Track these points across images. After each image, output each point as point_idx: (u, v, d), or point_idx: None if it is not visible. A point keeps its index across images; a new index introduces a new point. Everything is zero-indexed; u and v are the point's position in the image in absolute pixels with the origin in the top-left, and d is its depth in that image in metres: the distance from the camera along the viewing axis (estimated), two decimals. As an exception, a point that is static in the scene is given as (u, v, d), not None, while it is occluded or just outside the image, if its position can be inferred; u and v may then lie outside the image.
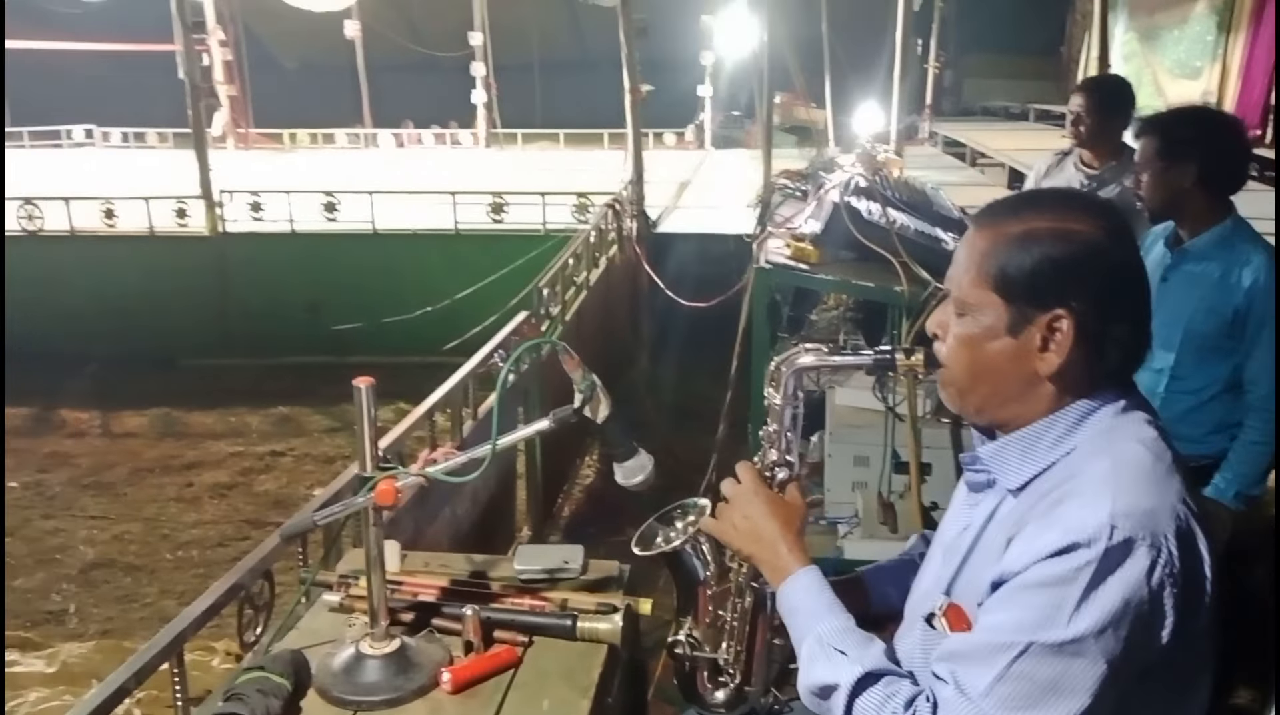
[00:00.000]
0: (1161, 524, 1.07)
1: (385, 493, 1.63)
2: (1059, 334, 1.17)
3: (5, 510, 5.59)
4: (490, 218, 7.79)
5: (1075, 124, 3.73)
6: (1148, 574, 1.04)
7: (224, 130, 16.07)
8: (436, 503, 3.62)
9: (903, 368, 1.43)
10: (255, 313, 8.00)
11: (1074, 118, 3.75)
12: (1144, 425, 1.19)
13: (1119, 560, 1.04)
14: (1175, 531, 1.07)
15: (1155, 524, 1.06)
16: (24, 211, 8.18)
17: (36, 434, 6.89)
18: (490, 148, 15.95)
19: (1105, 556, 1.04)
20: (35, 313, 8.09)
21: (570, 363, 1.63)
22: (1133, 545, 1.05)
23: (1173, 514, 1.08)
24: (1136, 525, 1.05)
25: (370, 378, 1.70)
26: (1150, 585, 1.04)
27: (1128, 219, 1.28)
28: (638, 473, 1.67)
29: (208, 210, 8.08)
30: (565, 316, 5.27)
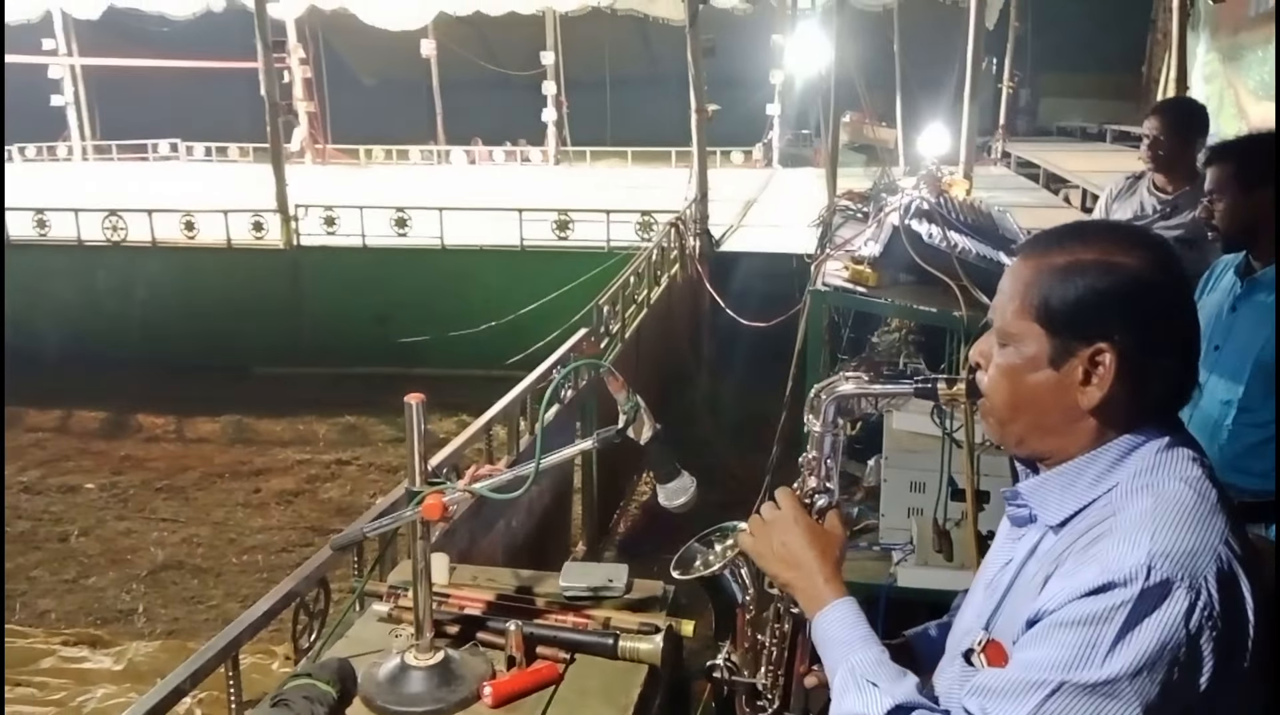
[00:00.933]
0: (1201, 566, 1.04)
1: (432, 507, 1.66)
2: (1101, 367, 1.16)
3: (50, 508, 5.83)
4: (555, 234, 7.88)
5: (1151, 147, 3.66)
6: (1185, 617, 1.02)
7: (302, 145, 16.51)
8: (491, 515, 3.66)
9: (944, 397, 1.42)
10: (326, 323, 8.19)
11: (1149, 141, 3.68)
12: (1189, 462, 1.16)
13: (1156, 602, 1.02)
14: (1216, 574, 1.04)
15: (1195, 565, 1.04)
16: (108, 222, 8.49)
17: (114, 437, 7.13)
18: (559, 165, 16.12)
19: (1141, 597, 1.02)
20: (117, 320, 8.42)
21: (614, 384, 1.64)
22: (1170, 587, 1.02)
23: (1214, 555, 1.06)
24: (1175, 566, 1.03)
25: (421, 394, 1.74)
26: (1189, 628, 1.01)
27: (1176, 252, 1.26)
28: (680, 495, 1.68)
29: (283, 223, 8.30)
30: (624, 334, 5.30)
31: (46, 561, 5.26)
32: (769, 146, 15.25)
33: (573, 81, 17.24)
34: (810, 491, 1.51)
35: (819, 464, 1.52)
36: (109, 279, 8.63)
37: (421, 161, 16.78)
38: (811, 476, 1.52)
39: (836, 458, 1.52)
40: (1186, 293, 1.22)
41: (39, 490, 6.17)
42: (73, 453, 6.81)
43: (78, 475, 6.42)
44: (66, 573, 5.16)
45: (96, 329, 8.42)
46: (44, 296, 8.59)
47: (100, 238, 8.60)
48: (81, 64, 17.49)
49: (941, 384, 1.42)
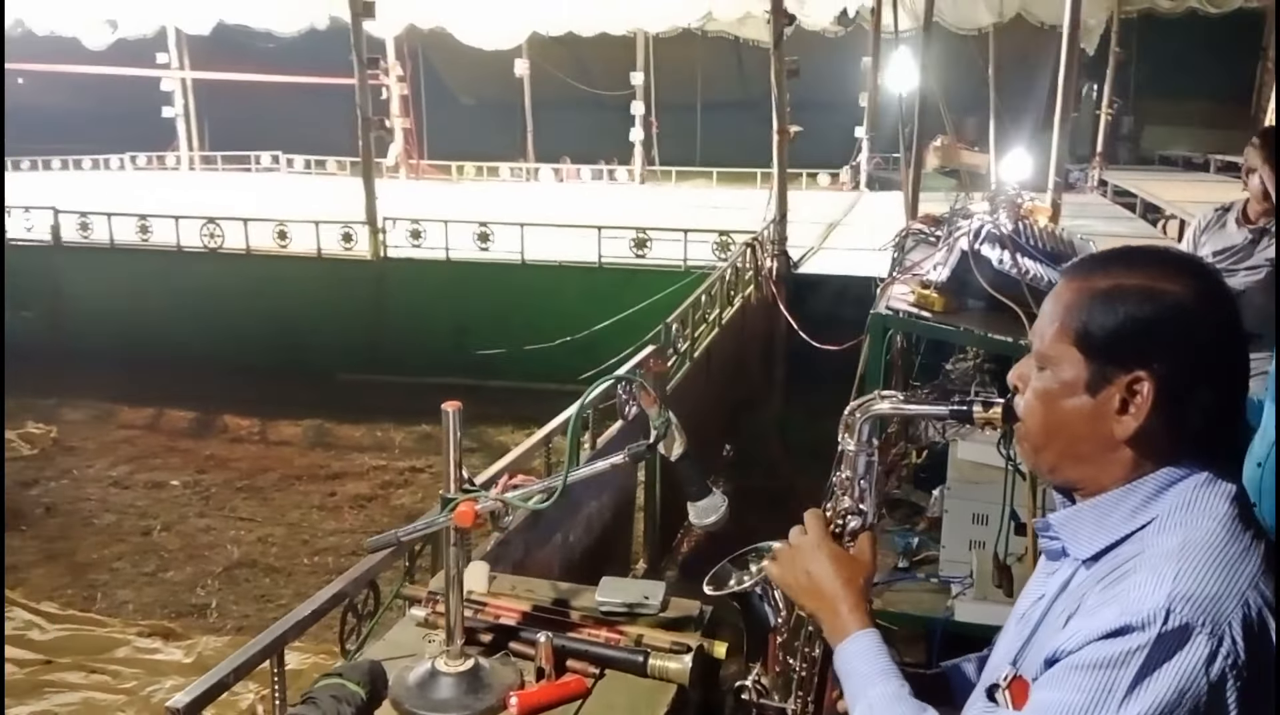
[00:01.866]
0: (1226, 611, 0.99)
1: (464, 515, 1.68)
2: (1139, 397, 1.12)
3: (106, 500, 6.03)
4: (633, 252, 7.92)
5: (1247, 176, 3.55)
6: (1206, 664, 0.97)
7: (397, 161, 16.96)
8: (547, 528, 3.67)
9: (980, 420, 1.39)
10: (408, 333, 8.36)
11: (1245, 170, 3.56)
12: (1226, 501, 1.11)
13: (1174, 647, 0.97)
14: (1242, 620, 0.99)
15: (1218, 611, 0.99)
16: (206, 230, 8.82)
17: (200, 436, 7.38)
18: (645, 184, 16.22)
19: (1158, 642, 0.97)
20: (210, 324, 8.72)
21: (647, 399, 1.64)
22: (1190, 632, 0.97)
23: (1240, 601, 1.00)
24: (1196, 611, 0.98)
25: (457, 402, 1.76)
26: (1209, 677, 0.96)
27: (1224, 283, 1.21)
28: (710, 513, 1.67)
29: (371, 235, 8.52)
30: (694, 352, 5.28)
31: (129, 554, 5.46)
32: (857, 169, 15.09)
33: (664, 102, 17.37)
34: (843, 512, 1.49)
35: (852, 485, 1.49)
36: (205, 284, 8.95)
37: (511, 178, 17.06)
38: (845, 496, 1.49)
39: (871, 478, 1.50)
40: (1232, 326, 1.17)
41: (127, 485, 6.41)
42: (161, 450, 7.07)
43: (164, 472, 6.66)
44: (147, 566, 5.35)
45: (191, 332, 8.74)
46: (143, 300, 8.97)
47: (198, 244, 8.95)
48: (192, 78, 18.27)
49: (978, 407, 1.38)
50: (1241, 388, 1.18)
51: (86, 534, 5.73)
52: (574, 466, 1.70)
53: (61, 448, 7.07)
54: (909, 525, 3.61)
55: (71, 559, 5.41)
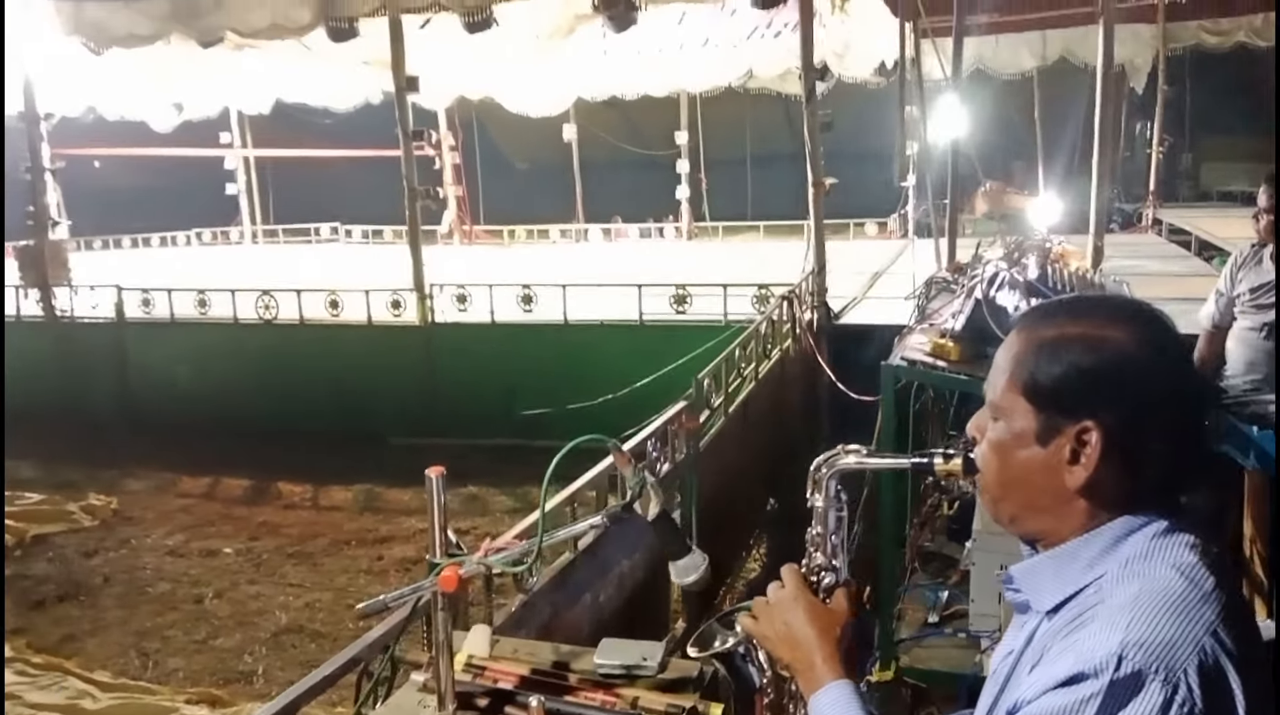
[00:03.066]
0: (1180, 659, 0.96)
1: (448, 580, 1.69)
2: (1088, 447, 1.11)
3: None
4: (674, 309, 7.97)
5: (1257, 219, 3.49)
6: (1162, 712, 0.94)
7: (450, 227, 17.34)
8: (576, 588, 3.66)
9: (941, 472, 1.38)
10: (457, 396, 8.47)
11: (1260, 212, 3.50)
12: (1186, 549, 1.08)
13: (1127, 695, 0.95)
14: (1198, 667, 0.96)
15: (1172, 658, 0.96)
16: (262, 302, 9.09)
17: (255, 504, 7.52)
18: (692, 240, 16.35)
19: (1110, 690, 0.95)
20: (266, 392, 8.95)
21: (621, 460, 1.65)
22: (1142, 679, 0.95)
23: (1196, 647, 0.98)
24: (1149, 657, 0.96)
25: (441, 467, 1.80)
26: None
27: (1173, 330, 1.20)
28: (690, 572, 1.67)
29: (419, 302, 8.71)
30: (729, 407, 5.27)
31: (181, 622, 5.56)
32: (904, 217, 15.04)
33: (714, 158, 17.59)
34: (816, 569, 1.48)
35: (824, 540, 1.49)
36: (261, 354, 9.20)
37: (561, 240, 17.32)
38: (818, 553, 1.49)
39: (842, 534, 1.49)
40: (1182, 374, 1.15)
41: (182, 553, 6.55)
42: (216, 518, 7.22)
43: (218, 540, 6.79)
44: (198, 633, 5.44)
45: (248, 401, 8.97)
46: (203, 371, 9.25)
47: (254, 316, 9.22)
48: (254, 155, 18.97)
49: (938, 459, 1.38)
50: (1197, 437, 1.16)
51: (141, 602, 5.85)
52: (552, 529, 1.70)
53: (122, 518, 7.25)
54: (941, 579, 3.54)
55: (126, 627, 5.52)
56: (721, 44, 12.72)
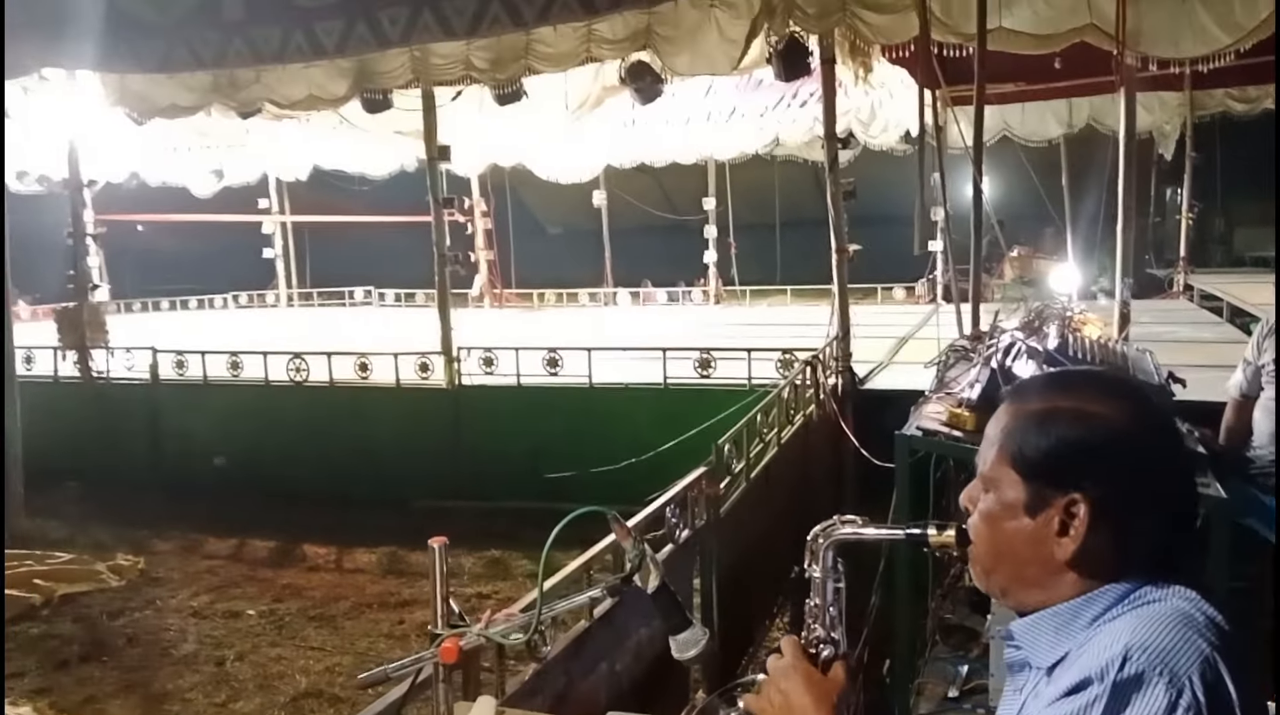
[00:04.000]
0: (1184, 664, 0.98)
1: (448, 651, 1.71)
2: (1076, 519, 1.13)
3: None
4: (698, 373, 7.99)
5: None
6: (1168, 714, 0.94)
7: (481, 291, 17.56)
8: (592, 657, 3.63)
9: (935, 544, 1.39)
10: (482, 458, 8.50)
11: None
12: (1182, 600, 1.10)
13: (1130, 695, 0.96)
14: (1201, 675, 0.97)
15: (1175, 662, 0.98)
16: (292, 364, 9.22)
17: (279, 566, 7.54)
18: (720, 304, 16.43)
19: (1115, 690, 0.97)
20: (295, 454, 9.03)
21: (620, 531, 1.67)
22: (1145, 679, 0.97)
23: (1199, 655, 0.99)
24: (1153, 659, 0.98)
25: (444, 537, 1.81)
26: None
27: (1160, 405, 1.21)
28: (690, 646, 1.66)
29: (446, 365, 8.80)
30: (750, 473, 5.25)
31: (202, 685, 5.55)
32: (933, 282, 15.04)
33: (743, 223, 17.76)
34: (815, 641, 1.48)
35: (822, 612, 1.49)
36: (291, 416, 9.31)
37: (590, 303, 17.48)
38: (817, 624, 1.49)
39: (840, 605, 1.49)
40: (1169, 448, 1.17)
41: (206, 615, 6.57)
42: (241, 579, 7.24)
43: (242, 601, 6.80)
44: (218, 696, 5.43)
45: (277, 462, 9.06)
46: (233, 433, 9.37)
47: (285, 378, 9.34)
48: (291, 221, 19.39)
49: (932, 530, 1.39)
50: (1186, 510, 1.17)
51: (164, 664, 5.85)
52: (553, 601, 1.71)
53: (148, 578, 7.30)
54: (963, 652, 3.48)
55: (148, 689, 5.52)
56: (748, 113, 12.94)
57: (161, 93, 9.04)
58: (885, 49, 8.10)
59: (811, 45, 7.42)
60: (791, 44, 7.21)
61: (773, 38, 7.20)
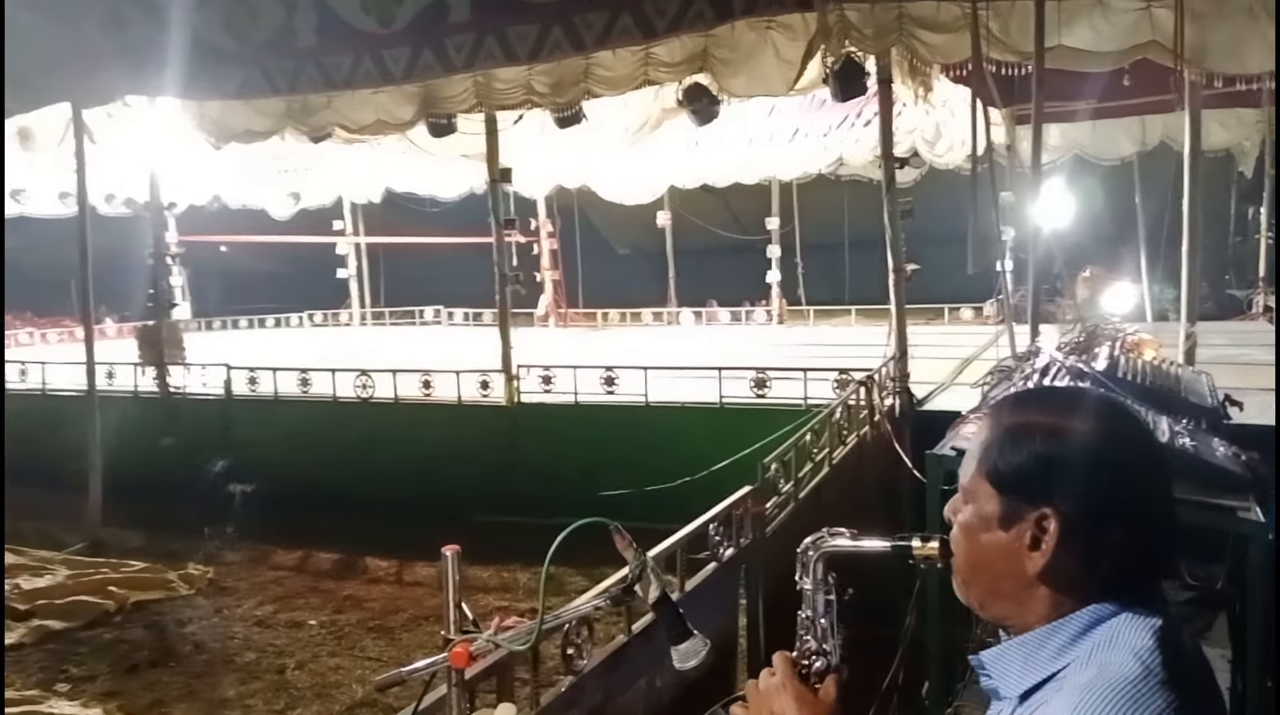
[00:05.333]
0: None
1: (459, 655, 1.76)
2: (1046, 534, 1.14)
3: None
4: (754, 392, 7.99)
5: None
6: None
7: (546, 310, 17.77)
8: (630, 672, 3.66)
9: (919, 555, 1.40)
10: (539, 475, 8.60)
11: None
12: (1148, 634, 1.09)
13: None
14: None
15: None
16: (359, 381, 9.45)
17: (341, 577, 7.73)
18: (783, 324, 16.37)
19: None
20: (360, 468, 9.23)
21: (621, 542, 1.71)
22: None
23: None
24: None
25: (457, 546, 1.88)
26: None
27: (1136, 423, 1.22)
28: (691, 656, 1.70)
29: (506, 382, 8.95)
30: (799, 493, 5.24)
31: (262, 691, 5.72)
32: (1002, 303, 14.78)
33: (810, 242, 17.69)
34: (807, 654, 1.50)
35: (813, 624, 1.51)
36: (357, 432, 9.53)
37: (653, 322, 17.56)
38: (809, 637, 1.51)
39: (832, 617, 1.51)
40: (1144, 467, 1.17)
41: (269, 624, 6.76)
42: (304, 591, 7.43)
43: (305, 611, 6.98)
44: (277, 703, 5.58)
45: (342, 476, 9.26)
46: (302, 447, 9.62)
47: (352, 395, 9.58)
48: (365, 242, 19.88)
49: (916, 541, 1.42)
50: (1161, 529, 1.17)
51: (227, 671, 6.03)
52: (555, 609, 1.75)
53: (217, 588, 7.53)
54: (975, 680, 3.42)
55: (211, 695, 5.70)
56: (811, 133, 12.92)
57: (237, 118, 9.39)
58: (946, 68, 8.05)
59: (869, 65, 7.41)
60: (848, 64, 7.21)
61: (829, 58, 7.21)
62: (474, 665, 1.94)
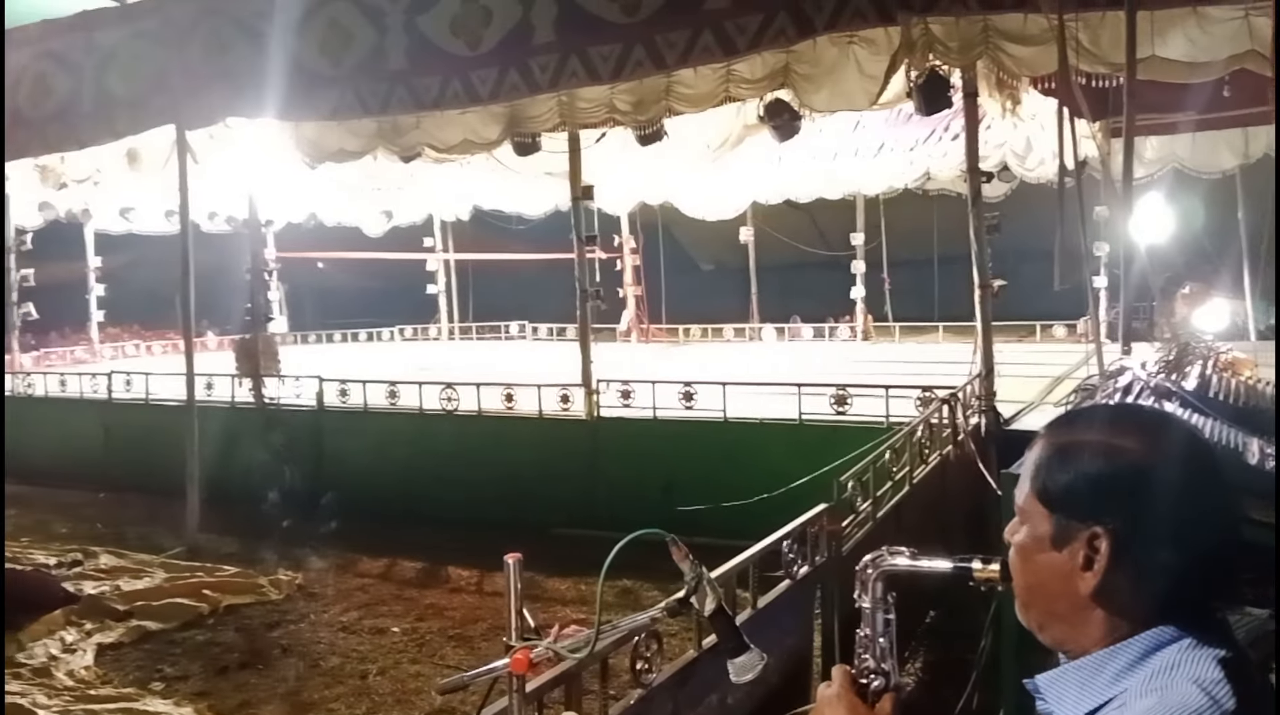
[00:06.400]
0: None
1: (519, 662, 1.81)
2: (1099, 553, 1.12)
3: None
4: (834, 409, 7.92)
5: None
6: None
7: (629, 326, 17.87)
8: (700, 688, 3.66)
9: (979, 577, 1.40)
10: (617, 489, 8.65)
11: None
12: (1212, 665, 1.07)
13: None
14: None
15: None
16: (444, 394, 9.65)
17: (425, 586, 7.87)
18: (869, 340, 16.17)
19: None
20: (444, 479, 9.43)
21: (677, 553, 1.72)
22: None
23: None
24: None
25: (519, 553, 1.91)
26: None
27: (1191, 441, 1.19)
28: (747, 670, 1.70)
29: (586, 397, 9.03)
30: (878, 512, 5.17)
31: (345, 696, 5.85)
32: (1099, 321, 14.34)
33: (898, 259, 17.46)
34: (866, 672, 1.49)
35: (872, 643, 1.50)
36: (442, 443, 9.73)
37: (735, 338, 17.52)
38: (867, 655, 1.50)
39: (890, 636, 1.50)
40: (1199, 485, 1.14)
41: (354, 630, 6.91)
42: (388, 598, 7.59)
43: (388, 619, 7.13)
44: (359, 708, 5.71)
45: (427, 487, 9.48)
46: (389, 458, 9.87)
47: (438, 407, 9.79)
48: (453, 258, 20.32)
49: (977, 563, 1.41)
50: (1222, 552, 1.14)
51: (313, 675, 6.19)
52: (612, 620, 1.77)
53: (305, 594, 7.74)
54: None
55: (296, 698, 5.86)
56: (897, 148, 12.76)
57: (331, 139, 9.71)
58: (1035, 80, 7.90)
59: (954, 79, 7.31)
60: (932, 78, 7.12)
61: (913, 72, 7.13)
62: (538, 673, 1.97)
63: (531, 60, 8.18)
